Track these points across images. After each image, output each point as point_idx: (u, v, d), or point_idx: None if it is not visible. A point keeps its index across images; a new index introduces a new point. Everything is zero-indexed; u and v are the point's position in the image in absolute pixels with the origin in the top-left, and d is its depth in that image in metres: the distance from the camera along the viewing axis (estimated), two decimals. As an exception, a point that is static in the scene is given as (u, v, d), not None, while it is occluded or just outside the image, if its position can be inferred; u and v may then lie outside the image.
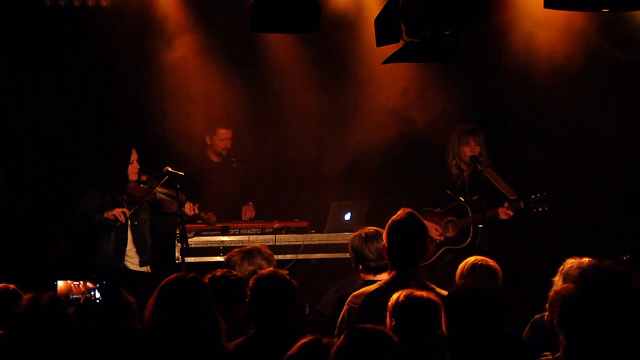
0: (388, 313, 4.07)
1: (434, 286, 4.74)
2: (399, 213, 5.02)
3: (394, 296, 4.13)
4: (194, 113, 8.71)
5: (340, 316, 4.90)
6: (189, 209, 7.80)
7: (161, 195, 7.59)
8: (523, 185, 8.20)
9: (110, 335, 4.05)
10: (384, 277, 5.23)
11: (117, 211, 7.49)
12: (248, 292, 4.51)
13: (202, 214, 7.93)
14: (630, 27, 8.27)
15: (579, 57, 8.39)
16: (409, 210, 5.02)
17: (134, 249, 7.65)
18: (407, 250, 4.91)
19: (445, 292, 4.53)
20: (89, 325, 3.97)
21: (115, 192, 7.60)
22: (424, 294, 4.15)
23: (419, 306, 4.05)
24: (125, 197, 7.62)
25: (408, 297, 4.08)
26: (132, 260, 7.65)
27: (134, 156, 7.64)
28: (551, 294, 4.57)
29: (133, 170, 7.62)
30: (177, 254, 7.70)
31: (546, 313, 4.64)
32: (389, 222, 5.01)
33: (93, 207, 7.53)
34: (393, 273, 4.94)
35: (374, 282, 5.20)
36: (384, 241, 5.02)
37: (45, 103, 8.54)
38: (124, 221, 7.50)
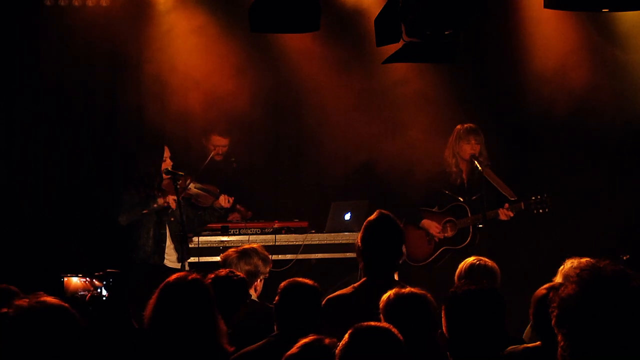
0: (381, 315, 4.07)
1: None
2: (374, 214, 4.99)
3: (384, 297, 4.13)
4: (194, 111, 8.75)
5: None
6: (224, 201, 7.82)
7: (196, 190, 7.61)
8: (523, 185, 8.19)
9: (112, 333, 4.05)
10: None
11: (170, 198, 7.51)
12: (277, 297, 4.52)
13: (238, 206, 7.96)
14: (631, 26, 8.28)
15: (579, 57, 8.41)
16: (384, 211, 4.99)
17: (172, 245, 7.65)
18: (379, 254, 4.87)
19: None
20: (93, 322, 3.96)
21: (151, 189, 7.61)
22: (413, 289, 4.15)
23: (408, 301, 4.06)
24: (160, 194, 7.63)
25: (397, 295, 4.10)
26: (170, 257, 7.66)
27: (166, 153, 7.66)
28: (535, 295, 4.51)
29: (165, 167, 7.62)
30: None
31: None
32: (364, 222, 4.98)
33: (135, 204, 7.56)
34: (364, 279, 4.90)
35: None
36: (358, 242, 4.98)
37: (46, 103, 8.54)
38: (174, 208, 7.50)
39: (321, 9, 5.90)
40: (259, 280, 5.71)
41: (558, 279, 4.95)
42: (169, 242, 7.65)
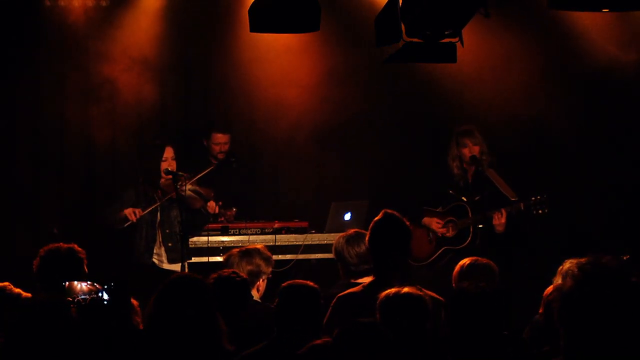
0: (378, 314, 4.09)
1: (426, 290, 4.71)
2: (380, 214, 5.02)
3: (381, 296, 4.15)
4: (193, 111, 8.75)
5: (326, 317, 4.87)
6: (211, 207, 7.85)
7: (189, 192, 7.64)
8: (523, 185, 8.17)
9: (112, 335, 4.05)
10: (366, 280, 5.22)
11: (129, 210, 7.54)
12: (276, 298, 4.52)
13: (225, 211, 7.97)
14: (631, 26, 8.28)
15: (579, 57, 8.41)
16: (389, 211, 5.01)
17: (162, 247, 7.68)
18: (385, 253, 4.89)
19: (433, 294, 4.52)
20: (93, 325, 3.96)
21: (149, 188, 7.65)
22: (410, 289, 4.17)
23: (405, 301, 4.08)
24: (159, 193, 7.64)
25: (394, 295, 4.14)
26: (160, 258, 7.68)
27: (168, 154, 7.66)
28: (545, 294, 4.57)
29: (167, 167, 7.61)
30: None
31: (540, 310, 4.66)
32: (371, 223, 5.01)
33: (124, 206, 7.59)
34: (372, 277, 4.93)
35: (356, 285, 5.20)
36: (366, 243, 5.02)
37: (46, 103, 8.54)
38: (134, 220, 7.52)
39: (321, 8, 5.91)
40: (261, 280, 5.71)
41: (557, 279, 4.96)
42: (158, 243, 7.69)
